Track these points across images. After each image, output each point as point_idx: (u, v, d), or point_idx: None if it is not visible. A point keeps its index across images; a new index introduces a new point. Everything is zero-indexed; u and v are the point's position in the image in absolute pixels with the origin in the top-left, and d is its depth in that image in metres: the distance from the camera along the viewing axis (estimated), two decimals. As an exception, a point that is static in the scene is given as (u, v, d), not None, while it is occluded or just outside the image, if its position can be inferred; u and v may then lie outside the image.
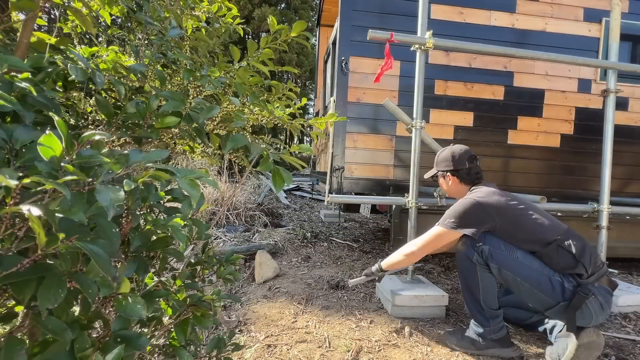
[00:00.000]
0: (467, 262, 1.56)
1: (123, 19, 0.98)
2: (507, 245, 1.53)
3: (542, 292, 1.46)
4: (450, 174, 1.78)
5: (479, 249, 1.52)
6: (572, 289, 1.45)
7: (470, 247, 1.54)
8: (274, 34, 0.95)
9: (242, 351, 1.53)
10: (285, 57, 14.46)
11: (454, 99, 2.91)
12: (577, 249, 1.48)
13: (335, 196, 2.43)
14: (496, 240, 1.53)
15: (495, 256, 1.50)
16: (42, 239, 0.41)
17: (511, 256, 1.50)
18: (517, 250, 1.52)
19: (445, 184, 1.84)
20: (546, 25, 2.96)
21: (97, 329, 0.65)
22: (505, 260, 1.49)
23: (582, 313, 1.43)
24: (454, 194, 1.84)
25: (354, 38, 2.78)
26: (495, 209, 1.54)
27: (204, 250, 0.96)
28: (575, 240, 1.51)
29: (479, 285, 1.55)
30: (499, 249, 1.51)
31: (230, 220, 4.01)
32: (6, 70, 0.56)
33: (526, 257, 1.51)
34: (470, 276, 1.57)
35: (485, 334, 1.55)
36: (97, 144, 0.52)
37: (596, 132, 2.84)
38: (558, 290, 1.45)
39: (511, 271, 1.49)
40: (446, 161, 1.78)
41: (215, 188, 1.96)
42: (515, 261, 1.49)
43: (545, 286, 1.46)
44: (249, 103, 0.97)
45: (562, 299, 1.45)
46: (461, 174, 1.74)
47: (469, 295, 1.61)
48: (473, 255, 1.53)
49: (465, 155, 1.75)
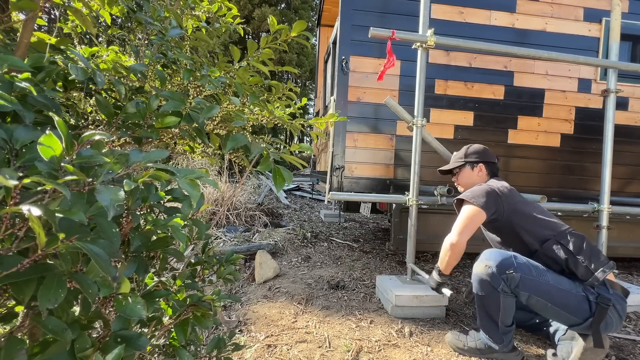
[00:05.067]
0: (489, 288, 1.48)
1: (123, 19, 0.98)
2: (536, 268, 1.47)
3: (570, 312, 1.43)
4: (483, 165, 1.87)
5: (506, 276, 1.44)
6: (595, 300, 1.42)
7: (496, 276, 1.45)
8: (274, 34, 0.95)
9: (242, 351, 1.53)
10: (286, 57, 14.46)
11: (454, 99, 2.91)
12: (576, 246, 1.49)
13: (336, 193, 2.44)
14: (525, 264, 1.46)
15: (526, 283, 1.43)
16: (42, 239, 0.41)
17: (541, 280, 1.45)
18: (547, 273, 1.47)
19: (473, 174, 1.89)
20: (546, 25, 2.96)
21: (97, 329, 0.65)
22: (536, 286, 1.44)
23: (606, 324, 1.42)
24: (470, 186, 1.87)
25: (354, 37, 2.78)
26: (504, 197, 1.66)
27: (204, 250, 0.96)
28: (573, 237, 1.51)
29: (499, 309, 1.48)
30: (529, 274, 1.44)
31: (230, 220, 4.01)
32: (6, 70, 0.56)
33: (555, 279, 1.47)
34: (490, 301, 1.50)
35: (499, 349, 1.51)
36: (97, 144, 0.52)
37: (596, 131, 2.85)
38: (585, 307, 1.42)
39: (542, 297, 1.44)
40: (478, 153, 1.89)
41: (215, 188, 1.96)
42: (546, 285, 1.44)
43: (573, 306, 1.43)
44: (249, 103, 0.97)
45: (589, 315, 1.42)
46: (492, 167, 1.88)
47: (485, 315, 1.54)
48: (499, 284, 1.45)
49: (492, 152, 1.93)
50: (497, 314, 1.49)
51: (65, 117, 0.75)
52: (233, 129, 0.98)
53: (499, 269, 1.45)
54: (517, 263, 1.46)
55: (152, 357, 0.75)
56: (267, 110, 1.03)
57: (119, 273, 0.56)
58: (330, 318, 1.89)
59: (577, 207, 2.50)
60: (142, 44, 0.94)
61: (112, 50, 0.99)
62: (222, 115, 0.99)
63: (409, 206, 2.16)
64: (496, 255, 1.49)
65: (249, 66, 0.99)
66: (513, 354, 1.54)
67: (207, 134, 0.92)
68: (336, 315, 1.93)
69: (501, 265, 1.45)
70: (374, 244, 3.60)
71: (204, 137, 0.84)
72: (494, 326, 1.52)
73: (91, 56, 0.92)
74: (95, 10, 0.95)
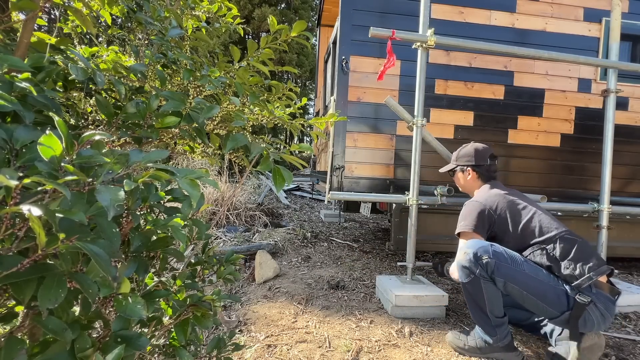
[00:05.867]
0: (468, 273, 1.53)
1: (123, 19, 0.98)
2: (512, 257, 1.50)
3: (547, 304, 1.45)
4: (471, 169, 1.82)
5: (483, 262, 1.48)
6: (573, 295, 1.43)
7: (473, 261, 1.50)
8: (274, 34, 0.95)
9: (242, 351, 1.53)
10: (286, 57, 14.46)
11: (454, 99, 2.91)
12: (563, 251, 1.49)
13: (336, 193, 2.44)
14: (501, 253, 1.50)
15: (501, 270, 1.47)
16: (42, 239, 0.41)
17: (517, 269, 1.48)
18: (523, 263, 1.50)
19: (464, 178, 1.86)
20: (546, 25, 2.96)
21: (97, 329, 0.65)
22: (512, 273, 1.47)
23: (585, 321, 1.42)
24: (468, 189, 1.88)
25: (354, 37, 2.78)
26: (494, 211, 1.63)
27: (204, 250, 0.96)
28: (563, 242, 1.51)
29: (484, 297, 1.52)
30: (504, 262, 1.48)
31: (230, 220, 4.01)
32: (6, 70, 0.56)
33: (532, 269, 1.49)
34: (474, 288, 1.54)
35: (494, 342, 1.54)
36: (97, 144, 0.52)
37: (596, 131, 2.85)
38: (563, 300, 1.44)
39: (517, 284, 1.46)
40: (468, 156, 1.83)
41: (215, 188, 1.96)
42: (521, 274, 1.47)
43: (550, 297, 1.45)
44: (249, 103, 0.97)
45: (567, 309, 1.44)
46: (481, 169, 1.81)
47: (474, 306, 1.59)
48: (476, 269, 1.49)
49: (487, 152, 1.83)
50: (484, 302, 1.53)
51: (65, 117, 0.75)
52: (233, 129, 0.98)
53: (475, 255, 1.50)
54: (494, 251, 1.50)
55: (152, 357, 0.75)
56: (267, 110, 1.03)
57: (119, 273, 0.56)
58: (330, 318, 1.89)
59: (577, 207, 2.50)
60: (142, 44, 0.94)
61: (112, 50, 0.99)
62: (222, 115, 0.99)
63: (409, 206, 2.16)
64: (474, 244, 1.54)
65: (249, 66, 0.99)
66: (513, 354, 1.54)
67: (207, 134, 0.92)
68: (336, 315, 1.93)
69: (477, 252, 1.50)
70: (374, 244, 3.60)
71: (204, 137, 0.84)
72: (485, 317, 1.55)
73: (91, 56, 0.92)
74: (95, 10, 0.95)
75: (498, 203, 1.65)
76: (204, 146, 1.14)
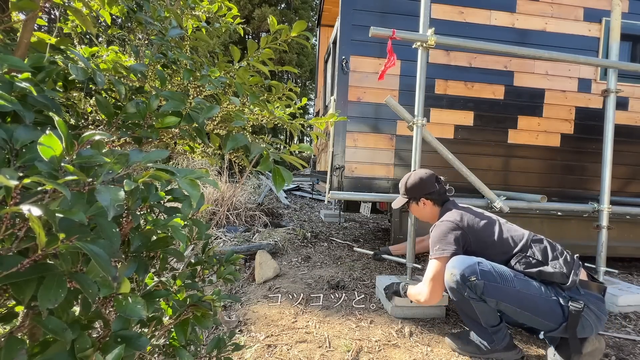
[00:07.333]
0: (457, 294, 1.50)
1: (123, 19, 0.98)
2: (501, 274, 1.45)
3: (542, 317, 1.43)
4: (424, 199, 1.80)
5: (471, 284, 1.43)
6: (566, 303, 1.41)
7: (461, 283, 1.45)
8: (274, 34, 0.95)
9: (242, 351, 1.53)
10: (286, 57, 14.46)
11: (454, 98, 2.91)
12: (543, 253, 1.49)
13: (336, 192, 2.44)
14: (489, 271, 1.44)
15: (491, 291, 1.42)
16: (42, 239, 0.41)
17: (507, 286, 1.43)
18: (513, 279, 1.44)
19: (420, 209, 1.84)
20: (546, 25, 2.96)
21: (97, 329, 0.65)
22: (502, 293, 1.42)
23: (582, 327, 1.41)
24: (427, 218, 1.85)
25: (354, 37, 2.78)
26: (468, 228, 1.60)
27: (204, 250, 0.96)
28: (536, 244, 1.51)
29: (476, 313, 1.50)
30: (493, 281, 1.43)
31: (230, 220, 4.01)
32: (6, 70, 0.56)
33: (522, 284, 1.44)
34: (465, 307, 1.52)
35: (492, 347, 1.53)
36: (97, 144, 0.52)
37: (596, 131, 2.85)
38: (557, 311, 1.41)
39: (510, 303, 1.42)
40: (417, 187, 1.80)
41: (215, 188, 1.96)
42: (512, 291, 1.42)
43: (545, 311, 1.42)
44: (249, 103, 0.97)
45: (563, 319, 1.41)
46: (434, 195, 1.79)
47: (468, 319, 1.58)
48: (464, 291, 1.45)
49: (432, 178, 1.81)
50: (476, 316, 1.51)
51: (65, 117, 0.75)
52: (233, 129, 0.98)
53: (462, 277, 1.44)
54: (481, 270, 1.44)
55: (152, 357, 0.75)
56: (267, 110, 1.03)
57: (119, 273, 0.56)
58: (330, 318, 1.89)
59: (577, 207, 2.50)
60: (142, 44, 0.94)
61: (112, 50, 0.99)
62: (222, 115, 0.99)
63: (409, 206, 2.16)
64: (460, 263, 1.47)
65: (249, 66, 0.99)
66: (512, 352, 1.54)
67: (207, 134, 0.92)
68: (336, 315, 1.93)
69: (464, 272, 1.44)
70: (374, 244, 3.60)
71: (204, 137, 0.84)
72: (480, 327, 1.54)
73: (91, 56, 0.92)
74: (95, 10, 0.95)
75: (467, 220, 1.62)
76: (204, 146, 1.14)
